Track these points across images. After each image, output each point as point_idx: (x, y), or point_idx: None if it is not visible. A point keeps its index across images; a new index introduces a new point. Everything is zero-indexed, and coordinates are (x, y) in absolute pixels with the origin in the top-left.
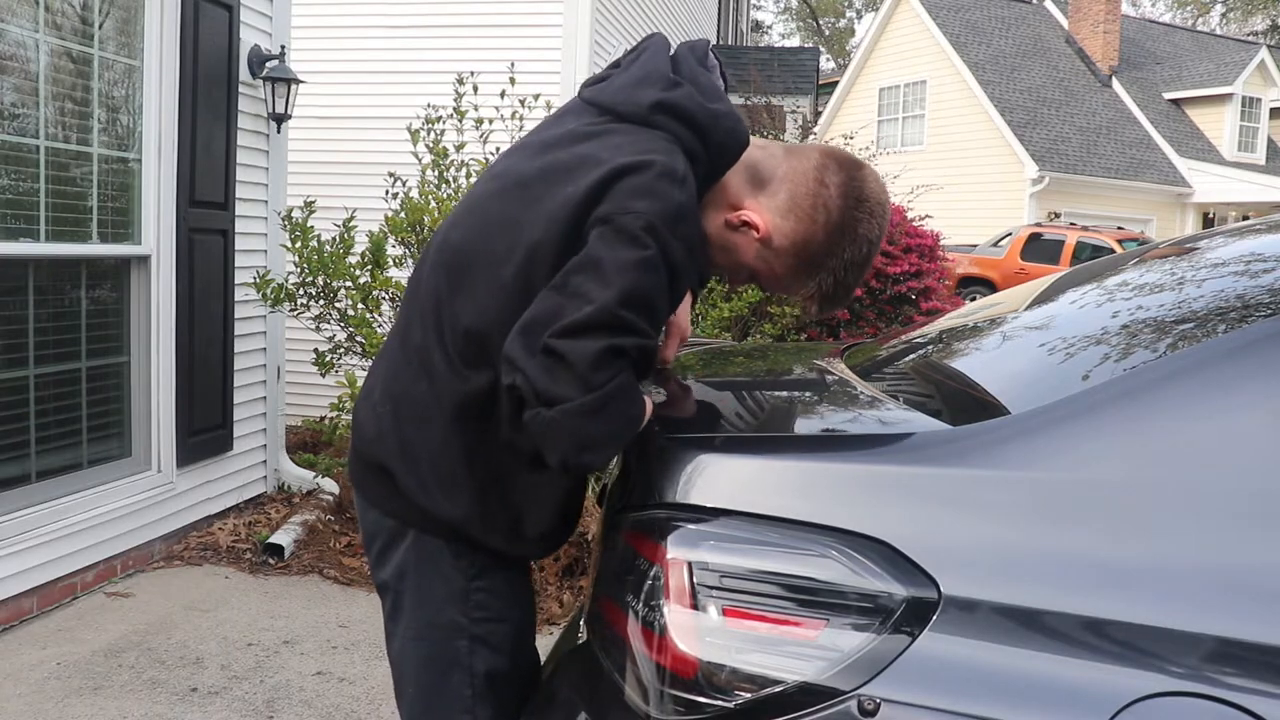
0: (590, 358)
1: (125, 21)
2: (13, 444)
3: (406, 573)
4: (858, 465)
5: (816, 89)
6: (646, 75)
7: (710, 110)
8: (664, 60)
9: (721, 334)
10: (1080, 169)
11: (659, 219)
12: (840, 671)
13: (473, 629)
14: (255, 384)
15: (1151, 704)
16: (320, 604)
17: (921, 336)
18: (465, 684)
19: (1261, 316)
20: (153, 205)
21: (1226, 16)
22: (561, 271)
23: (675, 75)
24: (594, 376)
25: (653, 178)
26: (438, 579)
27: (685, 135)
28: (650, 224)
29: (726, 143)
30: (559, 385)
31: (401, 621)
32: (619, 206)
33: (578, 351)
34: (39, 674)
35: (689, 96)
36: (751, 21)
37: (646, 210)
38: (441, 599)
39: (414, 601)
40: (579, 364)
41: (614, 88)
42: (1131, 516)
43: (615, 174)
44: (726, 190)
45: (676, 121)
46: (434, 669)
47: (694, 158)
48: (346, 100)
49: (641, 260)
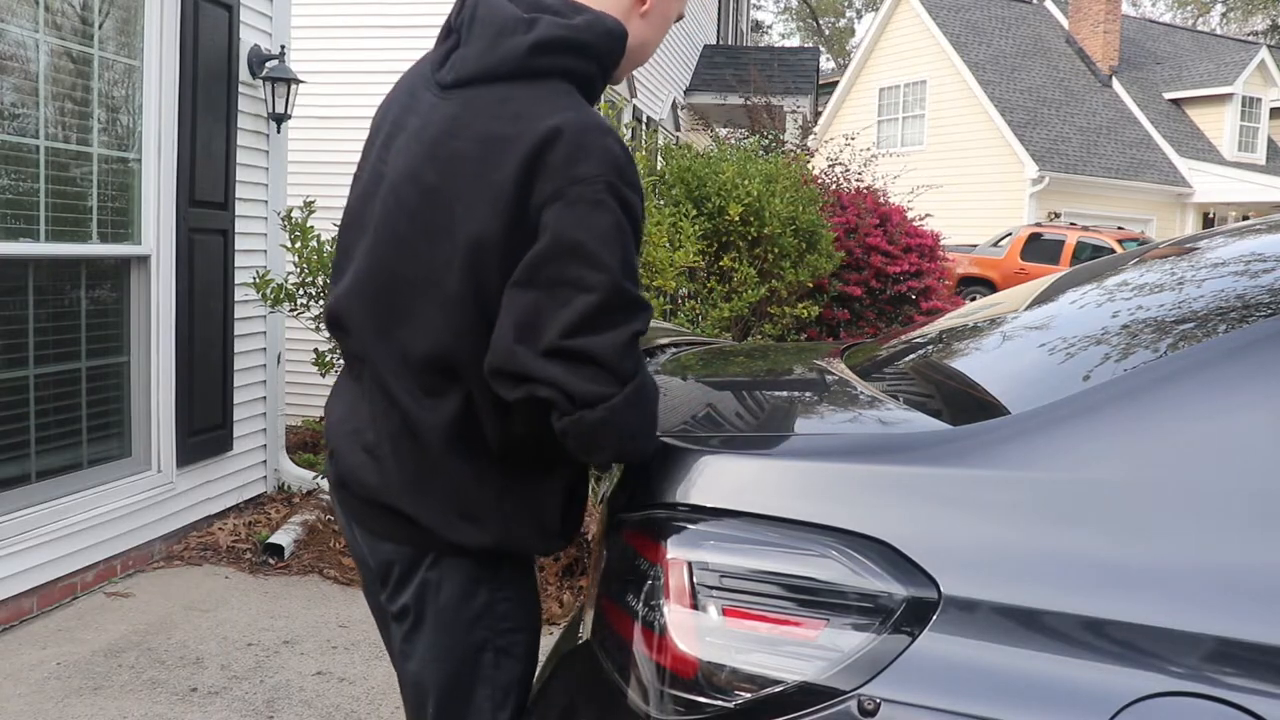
0: (619, 349)
1: (125, 21)
2: (13, 444)
3: (428, 594)
4: (858, 465)
5: (816, 89)
6: (500, 27)
7: (574, 26)
8: (503, 4)
9: (721, 334)
10: (1080, 169)
11: (611, 174)
12: (840, 671)
13: (497, 641)
14: (255, 384)
15: (1151, 704)
16: (320, 604)
17: (921, 336)
18: (488, 697)
19: (1261, 316)
20: (153, 205)
21: (1226, 16)
22: (524, 265)
23: (523, 12)
24: (625, 366)
25: (577, 137)
26: (463, 598)
27: (574, 64)
28: (609, 182)
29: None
30: (595, 384)
31: (421, 641)
32: (564, 178)
33: (602, 346)
34: (39, 674)
35: (553, 25)
36: (751, 21)
37: (594, 171)
38: (469, 619)
39: (438, 622)
40: (608, 359)
41: (474, 55)
42: (1131, 516)
43: (539, 148)
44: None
45: (559, 54)
46: (460, 687)
47: (589, 80)
48: (346, 100)
49: (616, 225)
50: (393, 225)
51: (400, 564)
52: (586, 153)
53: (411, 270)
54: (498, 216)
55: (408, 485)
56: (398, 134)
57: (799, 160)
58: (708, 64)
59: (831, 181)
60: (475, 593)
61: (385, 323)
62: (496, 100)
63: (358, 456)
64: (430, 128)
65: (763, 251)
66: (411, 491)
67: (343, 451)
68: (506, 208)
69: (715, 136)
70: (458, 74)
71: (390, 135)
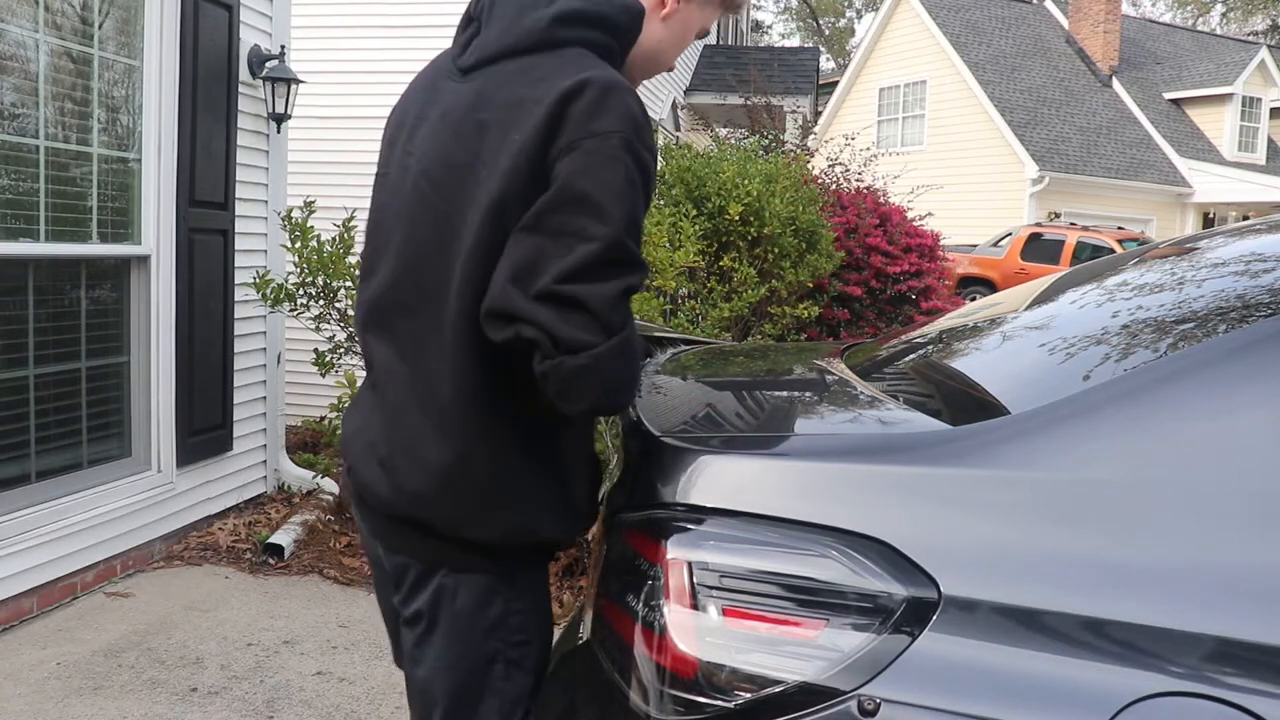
0: (610, 300)
1: (125, 21)
2: (13, 444)
3: (443, 600)
4: (858, 465)
5: (816, 89)
6: (521, 5)
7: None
8: None
9: (721, 334)
10: (1080, 169)
11: (628, 131)
12: (840, 671)
13: (509, 653)
14: (255, 384)
15: (1151, 704)
16: (320, 604)
17: (921, 336)
18: (495, 709)
19: (1261, 316)
20: (153, 205)
21: (1226, 16)
22: (532, 212)
23: None
24: (613, 318)
25: (599, 93)
26: (478, 608)
27: (593, 36)
28: (625, 139)
29: (629, 23)
30: (582, 331)
31: (433, 648)
32: (583, 131)
33: (595, 295)
34: (39, 674)
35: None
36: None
37: (612, 127)
38: (484, 629)
39: (451, 629)
40: (599, 308)
41: (496, 34)
42: (1131, 516)
43: (560, 102)
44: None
45: (579, 26)
46: (469, 697)
47: (610, 53)
48: (346, 100)
49: (627, 180)
50: (426, 206)
51: (414, 570)
52: (606, 108)
53: (444, 240)
54: (519, 173)
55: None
56: (420, 125)
57: (799, 160)
58: (708, 64)
59: (831, 181)
60: (491, 602)
61: (414, 304)
62: (519, 70)
63: (372, 470)
64: (455, 110)
65: (763, 251)
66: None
67: (359, 466)
68: (528, 163)
69: (715, 136)
70: (479, 55)
71: (413, 129)
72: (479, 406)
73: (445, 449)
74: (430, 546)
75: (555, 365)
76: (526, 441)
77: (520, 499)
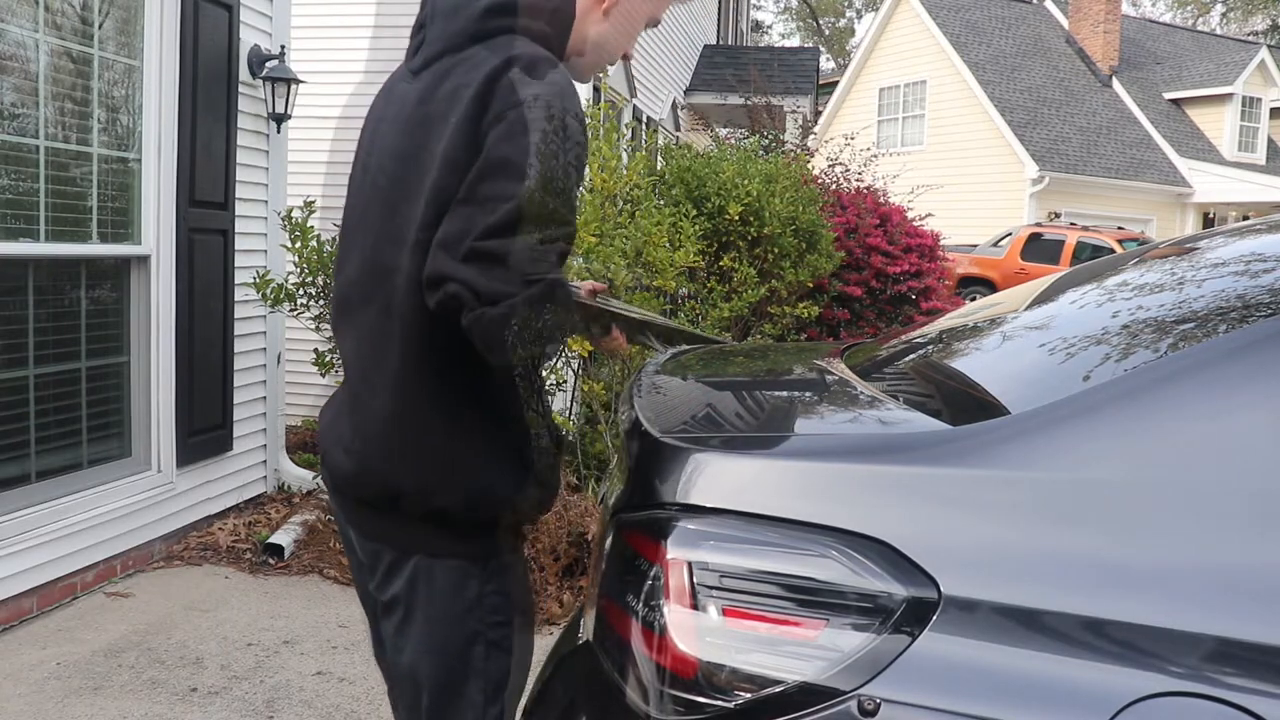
0: (530, 253)
1: (125, 21)
2: (13, 444)
3: (419, 583)
4: (858, 465)
5: (816, 89)
6: (457, 3)
7: None
8: None
9: (721, 334)
10: (1080, 169)
11: (551, 97)
12: (840, 671)
13: (489, 634)
14: (255, 384)
15: (1151, 704)
16: (320, 604)
17: (921, 336)
18: (480, 690)
19: (1261, 316)
20: (153, 205)
21: (1226, 16)
22: (465, 185)
23: None
24: (534, 269)
25: (523, 66)
26: (455, 589)
27: (524, 23)
28: (547, 104)
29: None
30: (501, 284)
31: (413, 634)
32: (508, 101)
33: (513, 249)
34: (39, 674)
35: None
36: (751, 21)
37: (534, 94)
38: (461, 611)
39: (430, 613)
40: (516, 260)
41: (437, 33)
42: (1131, 516)
43: (487, 81)
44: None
45: (508, 15)
46: (454, 679)
47: (546, 39)
48: (346, 100)
49: (546, 142)
50: (382, 201)
51: (387, 555)
52: (529, 80)
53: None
54: (456, 154)
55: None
56: (380, 126)
57: (799, 160)
58: (708, 64)
59: (831, 181)
60: (466, 585)
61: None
62: (458, 63)
63: (338, 456)
64: (405, 108)
65: (763, 251)
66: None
67: (329, 455)
68: (465, 143)
69: (715, 136)
70: (426, 55)
71: (374, 131)
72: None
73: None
74: (403, 532)
75: (476, 317)
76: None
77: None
